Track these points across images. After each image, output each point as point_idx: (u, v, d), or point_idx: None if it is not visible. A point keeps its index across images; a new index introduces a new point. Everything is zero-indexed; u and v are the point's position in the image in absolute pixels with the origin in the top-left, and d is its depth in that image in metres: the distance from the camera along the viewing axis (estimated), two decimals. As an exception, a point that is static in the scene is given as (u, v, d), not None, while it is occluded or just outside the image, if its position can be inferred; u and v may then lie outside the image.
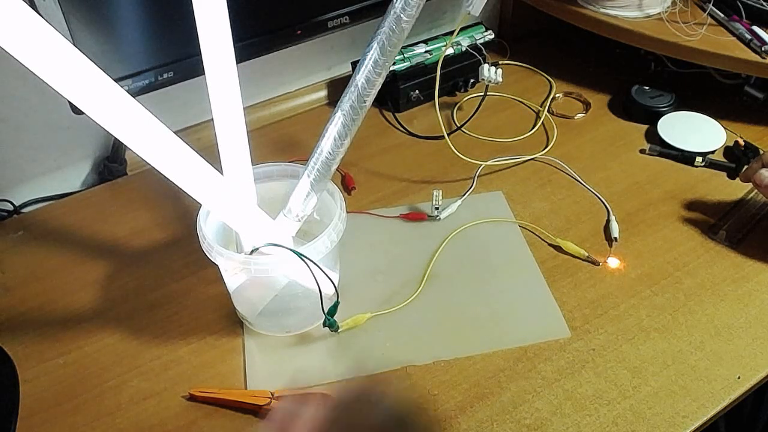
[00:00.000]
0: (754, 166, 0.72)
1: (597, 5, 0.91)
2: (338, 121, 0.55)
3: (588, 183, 0.81)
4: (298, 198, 0.58)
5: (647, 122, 0.90)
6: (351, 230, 0.61)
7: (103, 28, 0.64)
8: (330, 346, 0.64)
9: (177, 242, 0.75)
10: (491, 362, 0.62)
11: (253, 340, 0.65)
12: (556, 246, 0.73)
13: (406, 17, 0.51)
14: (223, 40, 0.53)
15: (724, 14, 0.87)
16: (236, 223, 0.56)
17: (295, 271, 0.57)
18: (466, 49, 0.96)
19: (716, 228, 0.74)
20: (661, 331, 0.64)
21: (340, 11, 0.79)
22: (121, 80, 0.67)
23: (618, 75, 0.99)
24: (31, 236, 0.77)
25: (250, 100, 0.93)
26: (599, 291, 0.69)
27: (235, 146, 0.58)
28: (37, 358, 0.63)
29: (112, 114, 0.43)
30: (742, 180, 0.74)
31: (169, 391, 0.61)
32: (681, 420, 0.57)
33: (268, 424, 0.46)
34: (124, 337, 0.65)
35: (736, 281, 0.69)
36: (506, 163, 0.84)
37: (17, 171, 0.81)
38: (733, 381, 0.60)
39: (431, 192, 0.75)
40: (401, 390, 0.60)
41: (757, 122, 0.90)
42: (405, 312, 0.67)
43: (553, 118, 0.92)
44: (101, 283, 0.71)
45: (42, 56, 0.39)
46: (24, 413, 0.59)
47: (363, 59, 0.53)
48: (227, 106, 0.56)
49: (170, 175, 0.48)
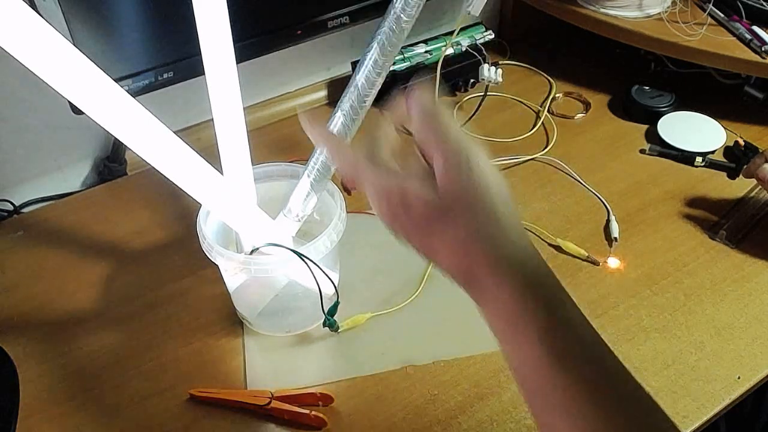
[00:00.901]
0: (757, 162, 0.72)
1: (597, 5, 0.91)
2: (338, 121, 0.55)
3: (588, 183, 0.81)
4: (298, 198, 0.58)
5: (647, 122, 0.90)
6: (351, 230, 0.61)
7: (103, 28, 0.64)
8: (330, 346, 0.64)
9: (177, 242, 0.75)
10: (491, 362, 0.62)
11: (253, 340, 0.65)
12: (556, 246, 0.73)
13: (406, 17, 0.51)
14: (223, 40, 0.53)
15: (724, 14, 0.87)
16: (236, 223, 0.56)
17: (295, 271, 0.57)
18: (466, 49, 0.95)
19: (716, 228, 0.74)
20: (661, 331, 0.64)
21: (340, 11, 0.79)
22: (121, 80, 0.67)
23: (618, 75, 0.98)
24: (31, 236, 0.77)
25: (250, 100, 0.93)
26: (599, 291, 0.69)
27: (235, 146, 0.58)
28: (37, 358, 0.63)
29: (112, 114, 0.43)
30: (745, 176, 0.74)
31: (169, 391, 0.60)
32: (681, 420, 0.57)
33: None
34: (124, 337, 0.65)
35: (737, 281, 0.69)
36: (506, 163, 0.84)
37: (17, 171, 0.81)
38: (733, 381, 0.60)
39: (431, 192, 0.75)
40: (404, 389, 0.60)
41: (757, 122, 0.90)
42: (405, 312, 0.67)
43: (553, 118, 0.92)
44: (101, 283, 0.71)
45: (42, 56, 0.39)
46: (24, 413, 0.59)
47: (363, 59, 0.53)
48: (227, 106, 0.56)
49: (170, 175, 0.48)
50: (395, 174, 0.40)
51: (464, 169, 0.38)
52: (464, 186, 0.38)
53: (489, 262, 0.37)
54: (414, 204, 0.38)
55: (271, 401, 0.58)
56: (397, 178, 0.39)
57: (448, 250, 0.38)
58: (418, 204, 0.38)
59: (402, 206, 0.39)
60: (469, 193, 0.38)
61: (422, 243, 0.39)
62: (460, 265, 0.38)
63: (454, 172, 0.38)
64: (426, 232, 0.38)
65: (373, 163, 0.40)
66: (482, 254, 0.37)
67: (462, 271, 0.39)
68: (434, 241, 0.38)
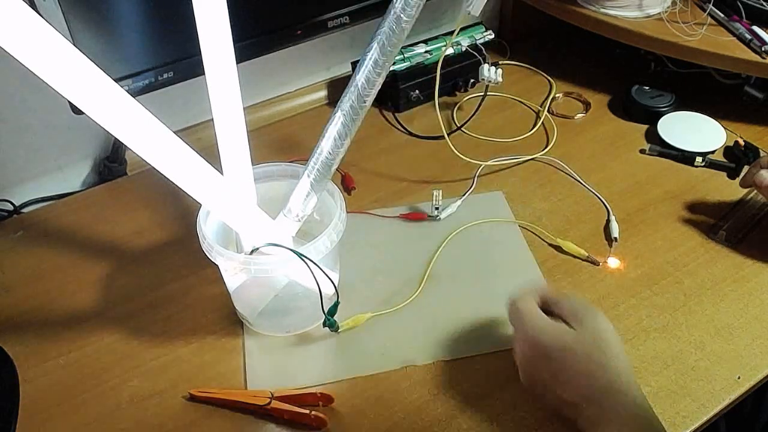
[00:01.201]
0: (753, 170, 0.72)
1: (597, 5, 0.91)
2: (338, 121, 0.55)
3: (588, 183, 0.81)
4: (298, 198, 0.58)
5: (647, 122, 0.90)
6: (351, 230, 0.61)
7: (103, 28, 0.64)
8: (330, 346, 0.64)
9: (177, 242, 0.75)
10: (491, 362, 0.62)
11: (253, 340, 0.65)
12: (556, 246, 0.73)
13: (406, 17, 0.51)
14: (223, 40, 0.53)
15: (724, 14, 0.87)
16: (236, 223, 0.56)
17: (295, 271, 0.57)
18: (466, 49, 0.96)
19: (716, 228, 0.74)
20: (661, 331, 0.64)
21: (340, 11, 0.79)
22: (121, 80, 0.67)
23: (618, 75, 0.99)
24: (31, 236, 0.77)
25: (250, 100, 0.93)
26: (599, 291, 0.69)
27: (235, 146, 0.58)
28: (37, 358, 0.63)
29: (112, 114, 0.43)
30: (742, 185, 0.75)
31: (169, 391, 0.61)
32: (681, 420, 0.57)
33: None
34: (124, 337, 0.65)
35: (736, 281, 0.69)
36: (506, 163, 0.84)
37: (17, 171, 0.81)
38: (733, 381, 0.60)
39: (431, 192, 0.75)
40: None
41: (757, 122, 0.90)
42: (405, 312, 0.67)
43: (553, 118, 0.92)
44: (101, 283, 0.71)
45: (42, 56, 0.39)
46: (24, 413, 0.59)
47: (363, 59, 0.53)
48: (227, 106, 0.56)
49: (170, 175, 0.48)
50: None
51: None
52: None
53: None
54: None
55: (271, 401, 0.58)
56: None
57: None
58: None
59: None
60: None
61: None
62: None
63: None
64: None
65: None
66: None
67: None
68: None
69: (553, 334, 0.53)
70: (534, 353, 0.54)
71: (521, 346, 0.56)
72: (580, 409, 0.52)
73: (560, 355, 0.53)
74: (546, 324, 0.54)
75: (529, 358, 0.55)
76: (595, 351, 0.52)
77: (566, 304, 0.56)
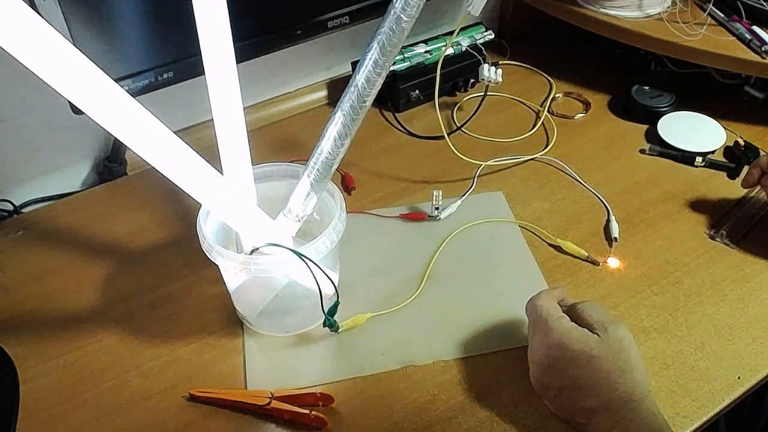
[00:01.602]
0: (753, 172, 0.72)
1: (597, 5, 0.91)
2: (338, 121, 0.55)
3: (588, 183, 0.81)
4: (298, 198, 0.58)
5: (647, 122, 0.90)
6: (351, 230, 0.61)
7: (103, 28, 0.64)
8: (330, 346, 0.64)
9: (177, 242, 0.75)
10: (491, 362, 0.62)
11: (253, 340, 0.65)
12: (556, 246, 0.73)
13: (406, 17, 0.51)
14: (223, 40, 0.53)
15: (724, 14, 0.87)
16: (236, 223, 0.56)
17: (295, 271, 0.57)
18: (466, 49, 0.96)
19: (716, 228, 0.74)
20: (661, 331, 0.64)
21: (340, 11, 0.79)
22: (121, 80, 0.67)
23: (618, 75, 0.99)
24: (31, 236, 0.77)
25: (250, 100, 0.93)
26: (599, 291, 0.69)
27: (235, 146, 0.58)
28: (37, 358, 0.63)
29: (112, 114, 0.43)
30: (743, 186, 0.75)
31: (169, 391, 0.61)
32: (681, 420, 0.57)
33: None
34: (124, 337, 0.65)
35: (737, 281, 0.69)
36: (506, 163, 0.84)
37: (17, 171, 0.81)
38: (733, 381, 0.60)
39: (431, 192, 0.75)
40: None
41: (757, 122, 0.90)
42: (405, 312, 0.67)
43: (553, 118, 0.92)
44: (101, 283, 0.71)
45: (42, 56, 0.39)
46: (24, 413, 0.59)
47: (363, 59, 0.53)
48: (227, 106, 0.56)
49: (170, 175, 0.48)
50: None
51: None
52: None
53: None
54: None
55: (271, 401, 0.58)
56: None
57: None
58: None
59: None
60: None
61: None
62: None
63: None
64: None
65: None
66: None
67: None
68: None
69: (581, 339, 0.53)
70: (558, 356, 0.54)
71: (542, 348, 0.55)
72: (595, 416, 0.52)
73: (586, 361, 0.52)
74: (573, 329, 0.54)
75: (552, 360, 0.54)
76: (618, 359, 0.52)
77: (591, 311, 0.56)
